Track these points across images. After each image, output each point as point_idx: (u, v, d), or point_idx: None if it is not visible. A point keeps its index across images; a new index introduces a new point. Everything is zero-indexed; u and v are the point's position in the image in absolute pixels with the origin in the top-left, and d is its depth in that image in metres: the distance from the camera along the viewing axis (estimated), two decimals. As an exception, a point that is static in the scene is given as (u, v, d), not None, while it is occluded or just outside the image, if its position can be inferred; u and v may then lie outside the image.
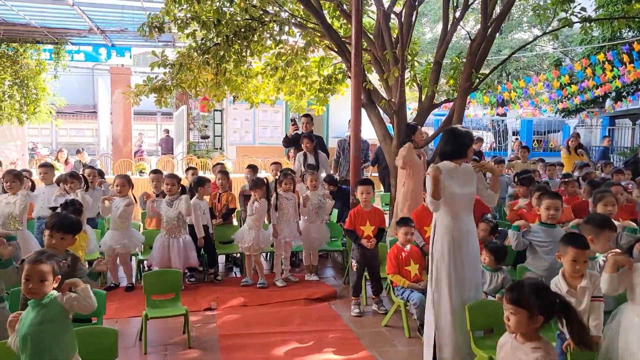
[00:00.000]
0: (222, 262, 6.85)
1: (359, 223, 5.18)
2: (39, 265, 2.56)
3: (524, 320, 2.41)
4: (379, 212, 5.36)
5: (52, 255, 2.67)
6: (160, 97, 7.99)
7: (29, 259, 2.59)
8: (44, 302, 2.56)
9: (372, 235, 5.13)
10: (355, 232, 5.17)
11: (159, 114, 25.75)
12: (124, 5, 9.70)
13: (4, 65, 12.94)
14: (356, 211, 5.24)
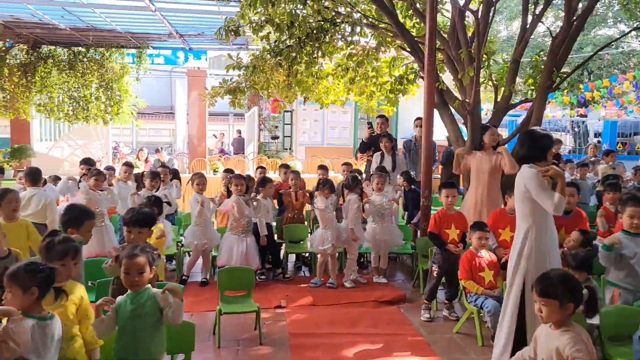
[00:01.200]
0: (292, 261, 6.93)
1: (445, 227, 5.07)
2: (136, 258, 2.71)
3: (556, 310, 2.58)
4: (463, 216, 5.24)
5: (145, 247, 2.82)
6: (235, 98, 8.21)
7: (126, 254, 2.75)
8: (141, 295, 2.70)
9: (457, 240, 5.01)
10: (440, 236, 5.05)
11: (232, 114, 26.51)
12: (202, 10, 10.06)
13: (92, 69, 13.80)
14: (441, 214, 5.11)
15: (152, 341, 2.71)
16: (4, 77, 13.66)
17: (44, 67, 13.78)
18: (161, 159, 11.53)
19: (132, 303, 2.70)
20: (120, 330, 2.69)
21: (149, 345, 2.69)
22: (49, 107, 13.93)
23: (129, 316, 2.68)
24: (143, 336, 2.68)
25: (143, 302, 2.70)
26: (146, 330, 2.69)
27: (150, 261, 2.78)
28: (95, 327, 2.68)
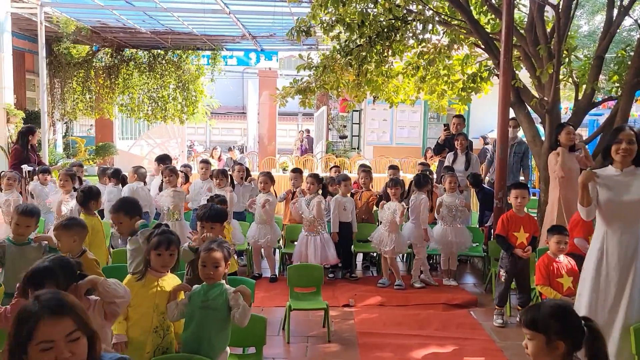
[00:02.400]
0: (360, 260, 6.93)
1: (512, 229, 4.88)
2: (213, 252, 2.82)
3: (541, 346, 2.06)
4: (533, 219, 5.02)
5: (222, 242, 2.93)
6: (305, 98, 8.29)
7: (204, 247, 2.87)
8: (214, 290, 2.80)
9: (526, 243, 4.82)
10: (508, 239, 4.88)
11: (300, 114, 26.87)
12: (274, 11, 10.26)
13: (170, 71, 14.45)
14: (509, 216, 4.93)
15: (216, 335, 2.80)
16: (90, 79, 14.59)
17: (127, 69, 14.57)
18: (233, 158, 11.88)
19: (204, 295, 2.81)
20: (189, 319, 2.80)
21: (213, 339, 2.78)
22: (130, 107, 14.72)
23: (199, 306, 2.79)
24: (209, 328, 2.77)
25: (215, 297, 2.80)
26: (212, 323, 2.78)
27: (226, 256, 2.88)
28: (169, 309, 2.80)
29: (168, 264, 2.93)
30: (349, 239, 6.23)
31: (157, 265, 2.90)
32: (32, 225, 3.63)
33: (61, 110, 14.63)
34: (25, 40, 13.52)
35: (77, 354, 1.46)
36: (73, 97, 14.48)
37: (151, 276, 2.88)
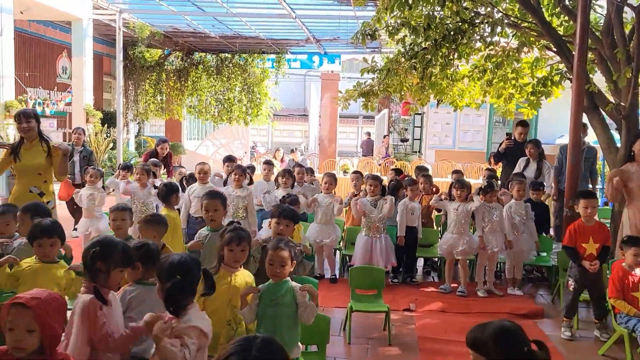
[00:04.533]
0: (420, 265, 6.88)
1: (581, 240, 4.69)
2: (280, 251, 2.91)
3: None
4: (604, 228, 4.80)
5: (289, 241, 3.03)
6: (368, 101, 8.32)
7: (272, 245, 2.97)
8: (280, 287, 2.90)
9: (595, 254, 4.63)
10: (576, 249, 4.70)
11: (361, 117, 26.87)
12: (339, 15, 10.36)
13: (236, 74, 14.90)
14: (577, 226, 4.74)
15: (288, 331, 2.88)
16: (161, 82, 15.27)
17: (195, 72, 15.14)
18: (295, 159, 12.07)
19: (272, 293, 2.90)
20: (260, 317, 2.89)
21: (285, 334, 2.85)
22: (198, 108, 15.28)
23: (268, 304, 2.88)
24: (280, 325, 2.85)
25: (283, 294, 2.88)
26: (283, 320, 2.86)
27: (292, 255, 2.96)
28: (244, 316, 2.91)
29: (240, 259, 3.05)
30: (413, 243, 6.19)
31: (230, 261, 3.03)
32: (126, 219, 3.92)
33: (134, 111, 15.40)
34: (104, 45, 14.34)
35: None
36: (145, 98, 15.21)
37: (224, 271, 3.01)
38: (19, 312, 1.86)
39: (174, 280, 2.27)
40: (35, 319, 1.86)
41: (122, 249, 2.55)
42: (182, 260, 2.37)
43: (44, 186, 4.69)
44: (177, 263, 2.35)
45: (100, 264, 2.43)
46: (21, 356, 1.88)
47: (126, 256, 2.57)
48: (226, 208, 4.05)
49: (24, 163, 4.59)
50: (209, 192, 4.17)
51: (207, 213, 3.95)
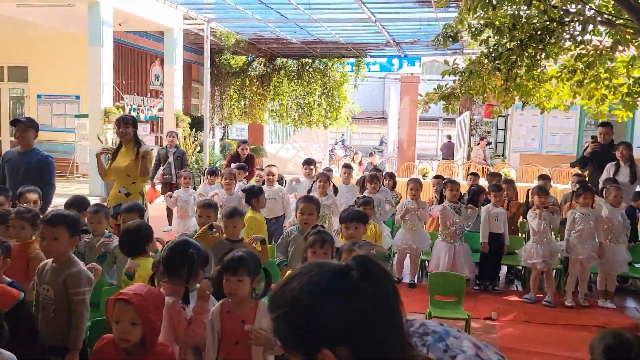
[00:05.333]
0: (503, 273, 6.67)
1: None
2: (353, 253, 2.98)
3: None
4: None
5: (363, 244, 3.09)
6: (449, 104, 8.19)
7: (346, 248, 3.05)
8: None
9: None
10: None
11: (441, 119, 26.38)
12: (419, 17, 10.28)
13: (316, 78, 15.17)
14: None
15: None
16: (245, 87, 15.86)
17: (277, 78, 15.59)
18: (374, 162, 12.10)
19: None
20: None
21: None
22: (279, 112, 15.71)
23: None
24: None
25: None
26: None
27: None
28: None
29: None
30: (498, 250, 6.00)
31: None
32: (211, 215, 4.16)
33: (219, 115, 16.10)
34: (192, 53, 15.13)
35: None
36: (230, 103, 15.86)
37: None
38: (123, 307, 2.06)
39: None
40: (137, 313, 2.05)
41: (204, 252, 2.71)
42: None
43: (131, 187, 4.94)
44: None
45: (191, 265, 2.56)
46: (126, 346, 2.08)
47: (206, 258, 2.72)
48: (319, 214, 4.16)
49: (116, 165, 4.95)
50: (306, 196, 4.30)
51: (302, 216, 4.04)
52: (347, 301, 1.03)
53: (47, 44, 12.16)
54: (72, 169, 12.09)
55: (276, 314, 1.07)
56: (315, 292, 1.05)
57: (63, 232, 2.68)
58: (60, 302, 2.64)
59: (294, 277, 1.09)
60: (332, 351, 1.01)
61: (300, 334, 1.05)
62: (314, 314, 1.03)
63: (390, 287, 1.09)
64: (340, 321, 1.02)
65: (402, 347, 1.06)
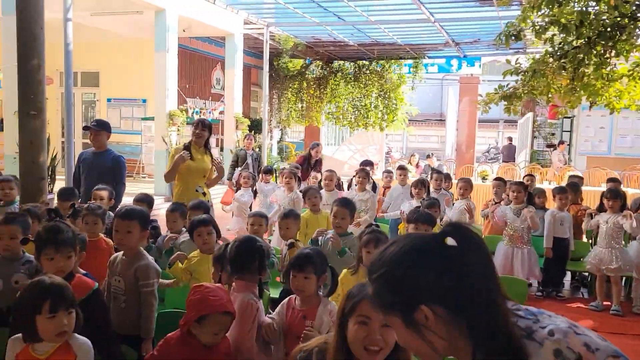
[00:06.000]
0: (568, 279, 6.42)
1: None
2: None
3: None
4: None
5: None
6: (510, 104, 7.98)
7: None
8: None
9: None
10: None
11: (502, 121, 25.64)
12: (480, 17, 10.08)
13: (373, 80, 15.15)
14: None
15: None
16: (302, 90, 16.06)
17: (334, 80, 15.69)
18: (431, 165, 11.93)
19: None
20: None
21: None
22: (336, 115, 15.80)
23: None
24: None
25: None
26: None
27: None
28: None
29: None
30: (563, 255, 5.78)
31: (368, 262, 3.14)
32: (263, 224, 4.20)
33: (277, 118, 16.38)
34: (251, 57, 15.48)
35: (387, 341, 1.68)
36: (287, 106, 16.10)
37: (363, 272, 3.14)
38: (223, 319, 2.18)
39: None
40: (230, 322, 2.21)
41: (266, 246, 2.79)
42: None
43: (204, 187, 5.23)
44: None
45: (261, 258, 2.62)
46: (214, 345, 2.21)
47: (268, 252, 2.80)
48: (354, 217, 4.16)
49: (195, 164, 5.14)
50: (340, 200, 4.29)
51: (336, 219, 4.09)
52: (442, 262, 1.09)
53: (117, 50, 12.81)
54: (139, 170, 12.66)
55: (375, 275, 1.15)
56: (412, 254, 1.12)
57: (135, 225, 2.82)
58: (131, 293, 2.78)
59: (392, 244, 1.17)
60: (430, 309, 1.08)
61: (397, 292, 1.11)
62: (410, 273, 1.10)
63: (486, 252, 1.13)
64: (436, 281, 1.08)
65: (505, 313, 1.09)
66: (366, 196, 6.01)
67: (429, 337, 1.09)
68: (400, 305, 1.11)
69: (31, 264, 2.91)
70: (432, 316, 1.07)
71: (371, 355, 1.67)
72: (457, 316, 1.07)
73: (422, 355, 1.15)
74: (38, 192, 4.23)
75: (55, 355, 1.90)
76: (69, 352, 1.92)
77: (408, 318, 1.10)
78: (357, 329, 1.69)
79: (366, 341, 1.67)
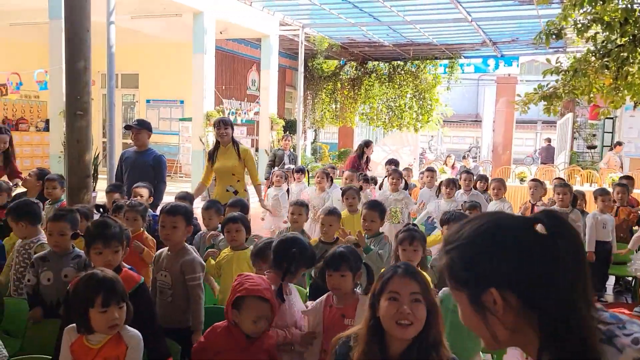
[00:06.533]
0: (610, 284, 6.24)
1: None
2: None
3: None
4: None
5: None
6: (550, 104, 7.81)
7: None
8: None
9: None
10: None
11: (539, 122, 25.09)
12: (519, 15, 9.90)
13: (407, 81, 15.04)
14: None
15: (470, 339, 2.86)
16: (336, 91, 16.07)
17: (368, 81, 15.64)
18: (467, 166, 11.76)
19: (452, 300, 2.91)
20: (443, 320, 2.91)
21: (467, 342, 2.84)
22: (370, 116, 15.75)
23: (451, 310, 2.90)
24: (461, 331, 2.84)
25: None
26: (464, 327, 2.85)
27: None
28: None
29: (413, 258, 3.15)
30: (605, 259, 5.62)
31: (404, 259, 3.14)
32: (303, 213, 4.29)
33: (311, 119, 16.45)
34: (286, 58, 15.59)
35: (418, 316, 1.74)
36: (322, 107, 16.14)
37: None
38: (261, 305, 2.21)
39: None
40: (272, 308, 2.22)
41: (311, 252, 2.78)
42: None
43: (237, 185, 5.28)
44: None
45: (293, 265, 2.65)
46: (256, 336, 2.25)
47: (312, 259, 2.78)
48: (384, 219, 4.14)
49: (220, 164, 5.23)
50: (370, 202, 4.27)
51: (365, 222, 4.05)
52: (527, 248, 1.01)
53: (155, 52, 13.11)
54: (176, 169, 12.92)
55: (451, 247, 1.08)
56: (494, 233, 1.04)
57: (181, 221, 2.90)
58: (177, 287, 2.85)
59: (476, 218, 1.10)
60: (500, 293, 1.00)
61: (470, 269, 1.04)
62: (488, 252, 1.02)
63: (579, 247, 1.04)
64: (516, 267, 1.00)
65: (586, 313, 1.01)
66: (401, 196, 6.01)
67: (492, 323, 1.03)
68: (470, 283, 1.04)
69: (80, 258, 3.02)
70: (502, 302, 1.00)
71: (402, 329, 1.73)
72: (530, 308, 1.00)
73: (481, 337, 1.09)
74: (83, 190, 4.36)
75: (107, 345, 1.98)
76: (121, 342, 2.01)
77: (475, 298, 1.04)
78: (387, 305, 1.75)
79: (397, 316, 1.73)
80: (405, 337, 1.76)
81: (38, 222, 3.46)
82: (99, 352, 1.96)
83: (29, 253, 3.29)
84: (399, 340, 1.77)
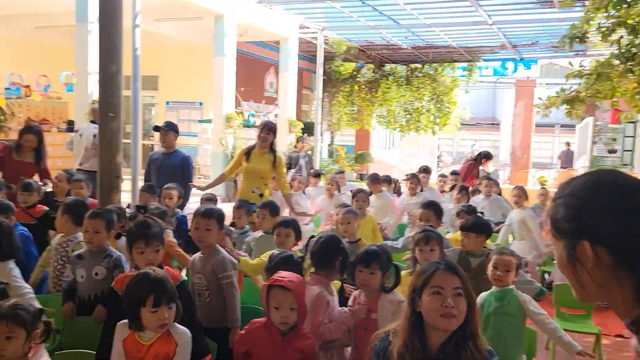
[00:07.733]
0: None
1: None
2: (506, 256, 2.94)
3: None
4: None
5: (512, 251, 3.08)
6: (572, 108, 7.77)
7: (498, 250, 3.05)
8: (504, 294, 2.91)
9: None
10: None
11: (558, 126, 24.84)
12: (539, 19, 9.86)
13: (425, 83, 15.02)
14: None
15: (512, 340, 2.87)
16: (354, 94, 16.10)
17: (386, 84, 15.64)
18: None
19: (497, 300, 2.92)
20: (484, 325, 2.91)
21: (509, 344, 2.84)
22: (387, 118, 15.75)
23: (493, 312, 2.91)
24: (504, 334, 2.84)
25: (508, 302, 2.89)
26: (508, 329, 2.86)
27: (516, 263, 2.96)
28: None
29: (429, 259, 3.19)
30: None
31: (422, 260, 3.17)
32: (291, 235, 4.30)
33: (328, 121, 16.49)
34: (304, 61, 15.64)
35: (460, 309, 1.81)
36: (339, 109, 16.18)
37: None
38: (283, 294, 2.25)
39: None
40: (295, 298, 2.24)
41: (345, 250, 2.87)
42: None
43: (263, 188, 5.33)
44: None
45: (338, 262, 2.72)
46: (286, 329, 2.28)
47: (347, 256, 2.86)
48: (441, 218, 4.17)
49: (252, 166, 5.28)
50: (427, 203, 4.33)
51: (420, 222, 4.11)
52: (629, 211, 1.03)
53: (176, 54, 13.25)
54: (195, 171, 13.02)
55: (560, 199, 1.12)
56: (603, 188, 1.07)
57: (214, 224, 2.96)
58: (213, 287, 2.91)
59: (591, 173, 1.14)
60: (592, 247, 1.03)
61: (570, 220, 1.08)
62: (590, 205, 1.06)
63: None
64: (616, 225, 1.03)
65: None
66: (419, 199, 5.98)
67: (581, 274, 1.07)
68: (567, 234, 1.09)
69: (111, 258, 3.10)
70: (592, 256, 1.03)
71: (447, 321, 1.80)
72: (622, 267, 1.02)
73: (571, 285, 1.13)
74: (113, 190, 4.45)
75: (158, 342, 2.07)
76: (170, 340, 2.09)
77: (569, 248, 1.08)
78: (431, 299, 1.82)
79: (441, 310, 1.80)
80: (449, 328, 1.82)
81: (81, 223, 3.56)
82: (150, 349, 2.04)
83: (67, 251, 3.38)
84: (439, 332, 1.84)
